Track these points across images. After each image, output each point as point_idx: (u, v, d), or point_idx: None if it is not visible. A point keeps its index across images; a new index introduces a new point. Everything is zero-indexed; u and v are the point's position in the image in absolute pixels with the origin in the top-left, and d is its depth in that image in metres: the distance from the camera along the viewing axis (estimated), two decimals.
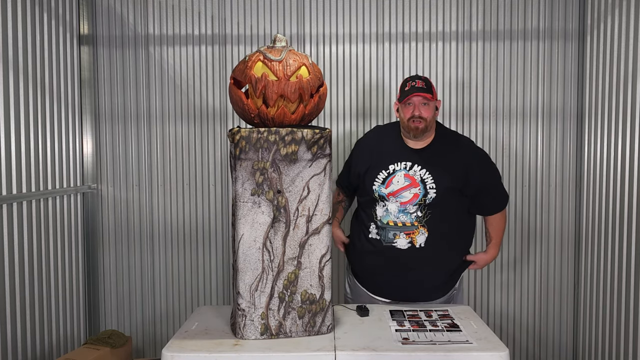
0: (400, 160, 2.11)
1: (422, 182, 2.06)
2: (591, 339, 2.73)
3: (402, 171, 2.09)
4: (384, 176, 2.10)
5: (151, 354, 2.99)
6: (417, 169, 2.08)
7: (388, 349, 1.61)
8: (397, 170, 2.09)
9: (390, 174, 2.10)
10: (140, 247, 2.96)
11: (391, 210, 2.09)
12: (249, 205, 1.70)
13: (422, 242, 2.06)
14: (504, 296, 2.95)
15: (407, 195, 2.06)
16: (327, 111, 2.89)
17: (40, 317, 2.44)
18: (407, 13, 2.86)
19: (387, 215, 2.10)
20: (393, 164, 2.11)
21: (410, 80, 2.10)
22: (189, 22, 2.88)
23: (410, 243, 2.07)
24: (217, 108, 2.90)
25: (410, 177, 2.07)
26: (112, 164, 2.93)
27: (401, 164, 2.10)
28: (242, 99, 1.73)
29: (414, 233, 2.07)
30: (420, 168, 2.07)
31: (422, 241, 2.06)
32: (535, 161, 2.89)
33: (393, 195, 2.08)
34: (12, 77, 2.26)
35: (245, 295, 1.71)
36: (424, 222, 2.06)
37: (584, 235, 2.80)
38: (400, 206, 2.08)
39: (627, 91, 2.37)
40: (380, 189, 2.09)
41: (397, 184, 2.08)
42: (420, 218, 2.06)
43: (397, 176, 2.09)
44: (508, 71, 2.86)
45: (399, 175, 2.09)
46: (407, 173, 2.08)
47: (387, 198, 2.08)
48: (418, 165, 2.08)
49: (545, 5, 2.83)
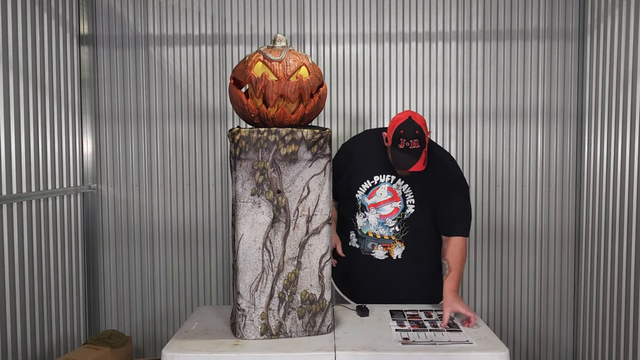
0: (384, 173, 2.09)
1: (403, 197, 2.07)
2: (591, 339, 2.73)
3: (386, 184, 2.08)
4: (368, 186, 2.10)
5: (151, 354, 2.99)
6: (400, 184, 2.07)
7: (388, 349, 1.61)
8: (382, 182, 2.09)
9: (375, 185, 2.09)
10: (140, 247, 2.96)
11: (371, 221, 2.11)
12: (249, 205, 1.70)
13: (399, 255, 2.12)
14: (504, 296, 2.95)
15: (388, 209, 2.09)
16: (327, 111, 2.89)
17: (40, 317, 2.44)
18: (407, 13, 2.86)
19: (366, 226, 2.12)
20: (378, 175, 2.09)
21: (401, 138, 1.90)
22: (189, 22, 2.88)
23: (387, 255, 2.12)
24: (217, 108, 2.90)
25: (393, 191, 2.08)
26: (112, 164, 2.93)
27: (385, 176, 2.09)
28: (242, 99, 1.72)
29: (391, 246, 2.11)
30: (403, 183, 2.07)
31: (398, 253, 2.12)
32: (535, 161, 2.89)
33: (374, 206, 2.09)
34: (12, 77, 2.26)
35: (245, 295, 1.71)
36: (401, 238, 2.10)
37: (584, 235, 2.80)
38: (380, 219, 2.10)
39: (627, 91, 2.37)
40: (363, 199, 2.10)
41: (380, 196, 2.09)
42: (397, 233, 2.10)
43: (380, 188, 2.09)
44: (508, 71, 2.86)
45: (382, 187, 2.09)
46: (390, 186, 2.08)
47: (368, 209, 2.10)
48: (401, 180, 2.07)
49: (545, 5, 2.83)
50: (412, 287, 2.16)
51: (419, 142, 1.91)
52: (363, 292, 2.18)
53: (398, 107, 2.88)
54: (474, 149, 2.89)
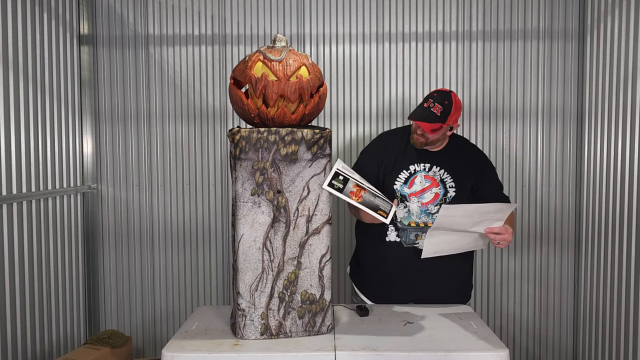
0: (419, 162, 2.10)
1: (442, 182, 2.08)
2: (591, 339, 2.73)
3: (422, 172, 2.09)
4: (405, 176, 2.10)
5: (151, 354, 2.99)
6: (437, 170, 2.09)
7: (388, 349, 1.61)
8: (418, 171, 2.09)
9: (412, 174, 2.09)
10: (140, 247, 2.96)
11: (413, 210, 2.09)
12: (249, 205, 1.70)
13: None
14: (504, 296, 2.95)
15: (429, 196, 2.08)
16: (327, 111, 2.89)
17: (40, 317, 2.44)
18: (407, 13, 2.86)
19: (408, 217, 2.09)
20: (413, 165, 2.10)
21: (431, 98, 1.99)
22: (189, 22, 2.88)
23: None
24: (217, 108, 2.90)
25: (431, 178, 2.09)
26: (112, 164, 2.93)
27: (420, 165, 2.10)
28: (242, 99, 1.73)
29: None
30: (439, 169, 2.09)
31: None
32: (535, 161, 2.89)
33: (415, 195, 2.08)
34: (12, 77, 2.26)
35: (245, 295, 1.71)
36: None
37: (584, 235, 2.80)
38: (422, 207, 2.08)
39: (627, 91, 2.37)
40: (402, 189, 2.09)
41: (419, 184, 2.08)
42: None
43: (418, 177, 2.09)
44: (508, 71, 2.86)
45: (420, 176, 2.09)
46: (427, 174, 2.09)
47: (409, 199, 2.08)
48: (437, 167, 2.09)
49: (545, 5, 2.83)
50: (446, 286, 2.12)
51: (442, 112, 1.96)
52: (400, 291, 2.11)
53: (398, 107, 2.88)
54: None
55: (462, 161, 2.11)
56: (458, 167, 2.10)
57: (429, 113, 1.97)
